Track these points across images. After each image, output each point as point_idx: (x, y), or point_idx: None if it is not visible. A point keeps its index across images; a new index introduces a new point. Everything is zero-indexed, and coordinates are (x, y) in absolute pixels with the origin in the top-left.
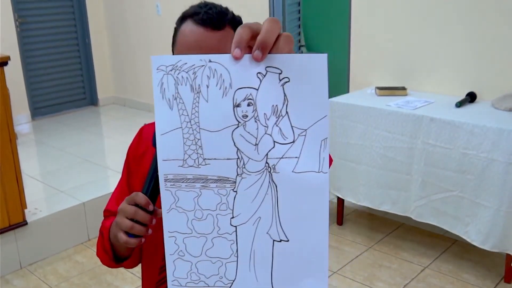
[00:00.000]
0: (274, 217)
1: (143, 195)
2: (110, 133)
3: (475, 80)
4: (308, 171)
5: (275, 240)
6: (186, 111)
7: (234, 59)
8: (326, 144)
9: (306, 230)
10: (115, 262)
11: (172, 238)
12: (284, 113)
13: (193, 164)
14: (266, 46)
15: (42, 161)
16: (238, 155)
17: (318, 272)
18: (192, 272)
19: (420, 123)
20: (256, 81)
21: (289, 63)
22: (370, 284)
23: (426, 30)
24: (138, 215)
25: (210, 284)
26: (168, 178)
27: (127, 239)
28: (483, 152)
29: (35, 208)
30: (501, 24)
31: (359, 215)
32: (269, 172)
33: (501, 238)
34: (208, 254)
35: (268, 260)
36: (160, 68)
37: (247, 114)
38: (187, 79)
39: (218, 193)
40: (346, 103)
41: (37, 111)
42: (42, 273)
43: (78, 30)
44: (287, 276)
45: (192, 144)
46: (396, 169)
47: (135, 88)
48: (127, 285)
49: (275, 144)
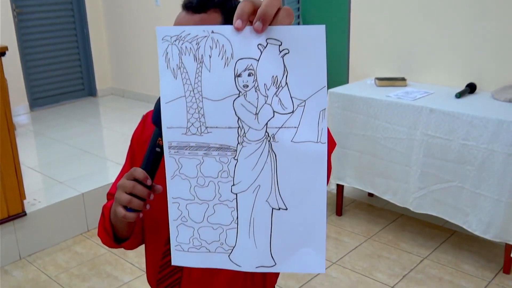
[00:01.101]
0: (273, 185)
1: (142, 170)
2: (109, 124)
3: (475, 71)
4: (307, 141)
5: (274, 208)
6: (189, 80)
7: (236, 30)
8: (324, 114)
9: (304, 199)
10: (116, 242)
11: (176, 204)
12: (283, 83)
13: (196, 132)
14: (266, 18)
15: (40, 152)
16: (239, 124)
17: (316, 242)
18: (194, 238)
19: (419, 114)
20: (257, 52)
21: (288, 34)
22: (369, 274)
23: (426, 21)
24: (136, 189)
25: (211, 250)
26: (172, 145)
27: (125, 213)
28: (483, 143)
29: (34, 199)
30: (501, 15)
31: (358, 206)
32: (268, 141)
33: (502, 228)
34: (210, 220)
35: (267, 227)
36: (165, 38)
37: (247, 84)
38: (190, 49)
39: (219, 161)
40: (346, 94)
41: (36, 102)
42: (41, 263)
43: (76, 20)
44: (285, 244)
45: (195, 112)
46: (396, 160)
47: (134, 79)
48: (126, 275)
49: (275, 114)
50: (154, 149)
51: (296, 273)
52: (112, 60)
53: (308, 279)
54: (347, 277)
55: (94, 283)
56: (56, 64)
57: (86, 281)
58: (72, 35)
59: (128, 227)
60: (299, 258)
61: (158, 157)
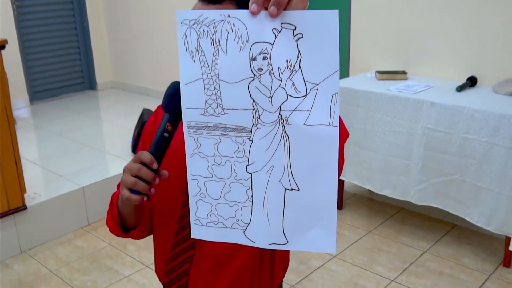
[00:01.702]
0: (286, 166)
1: (148, 153)
2: (109, 118)
3: (476, 64)
4: (319, 124)
5: (286, 188)
6: (207, 63)
7: (251, 14)
8: (337, 98)
9: (316, 181)
10: (123, 231)
11: (195, 180)
12: (297, 67)
13: (213, 113)
14: (281, 3)
15: (41, 145)
16: (254, 106)
17: (327, 222)
18: (212, 214)
19: (420, 107)
20: (272, 36)
21: (302, 19)
22: (370, 268)
23: (427, 14)
24: (141, 172)
25: (228, 226)
26: (191, 125)
27: (129, 195)
28: (484, 136)
29: (34, 193)
30: (502, 8)
31: (359, 200)
32: (282, 123)
33: (504, 221)
34: (226, 197)
35: (280, 207)
36: (184, 22)
37: (262, 67)
38: (208, 33)
39: (235, 141)
40: (346, 87)
41: (36, 96)
42: (42, 257)
43: (76, 13)
44: (297, 223)
45: (212, 94)
46: (396, 153)
47: (134, 72)
48: (127, 269)
49: (288, 97)
50: (162, 134)
51: (296, 267)
52: (112, 53)
53: (308, 273)
54: (347, 271)
55: (95, 277)
56: (56, 58)
57: (87, 275)
58: (72, 28)
59: (135, 214)
60: (310, 237)
61: (166, 142)
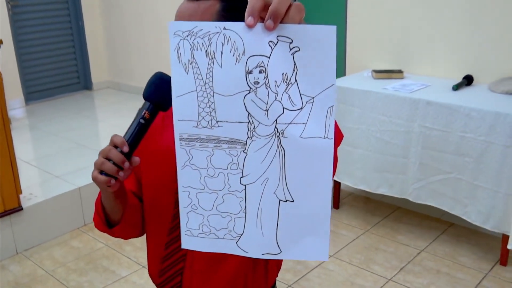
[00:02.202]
0: (281, 178)
1: (120, 136)
2: (105, 118)
3: (472, 63)
4: (315, 137)
5: (281, 200)
6: (201, 75)
7: (248, 27)
8: (332, 111)
9: (310, 192)
10: (107, 226)
11: (186, 192)
12: (293, 80)
13: (207, 125)
14: (277, 16)
15: (36, 146)
16: (249, 119)
17: (320, 231)
18: (203, 225)
19: (416, 106)
20: (268, 49)
21: (299, 33)
22: (367, 267)
23: (423, 12)
24: (110, 153)
25: (220, 236)
26: (183, 137)
27: (96, 175)
28: (481, 135)
29: (30, 194)
30: (498, 7)
31: (356, 199)
32: (277, 136)
33: (501, 219)
34: (219, 209)
35: (274, 218)
36: (177, 33)
37: (258, 80)
38: (202, 45)
39: (229, 154)
40: (342, 87)
41: (31, 96)
42: (38, 258)
43: (71, 13)
44: (291, 233)
45: (206, 106)
46: (393, 152)
47: (130, 72)
48: (123, 269)
49: (284, 110)
50: (139, 120)
51: (293, 267)
52: (108, 53)
53: (305, 272)
54: (344, 270)
55: (91, 278)
56: (51, 58)
57: (83, 276)
58: (67, 27)
59: (117, 207)
60: (303, 246)
61: (141, 129)
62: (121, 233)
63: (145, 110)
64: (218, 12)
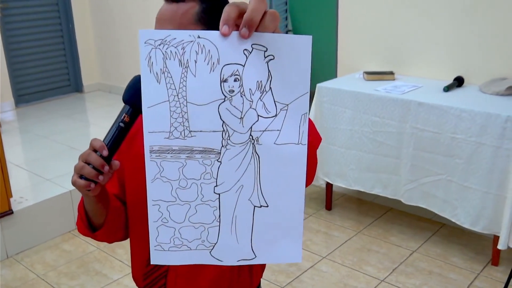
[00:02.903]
0: (256, 185)
1: (100, 140)
2: (96, 120)
3: (462, 64)
4: (289, 143)
5: (256, 206)
6: (173, 85)
7: (222, 36)
8: (305, 118)
9: (284, 197)
10: (90, 230)
11: (156, 206)
12: (268, 88)
13: (179, 136)
14: (252, 24)
15: (27, 149)
16: (224, 128)
17: (294, 234)
18: (175, 238)
19: (408, 107)
20: (243, 58)
21: (274, 41)
22: (359, 268)
23: (414, 14)
24: (90, 157)
25: (193, 248)
26: (154, 149)
27: (76, 179)
28: (472, 136)
29: (20, 197)
30: (489, 9)
31: (348, 200)
32: (252, 144)
33: (491, 220)
34: (191, 220)
35: (249, 224)
36: (148, 42)
37: (233, 89)
38: (175, 54)
39: (202, 163)
40: (334, 88)
41: (21, 99)
42: (29, 262)
43: (62, 15)
44: (265, 238)
45: (179, 117)
46: (385, 153)
47: (121, 75)
48: (115, 273)
49: (259, 118)
50: (119, 124)
51: (286, 268)
52: (98, 55)
53: (298, 274)
54: (337, 271)
55: (83, 281)
56: (41, 60)
57: (75, 279)
58: (57, 30)
59: (99, 211)
60: (277, 250)
61: (121, 132)
62: (105, 236)
63: (125, 114)
64: (198, 14)
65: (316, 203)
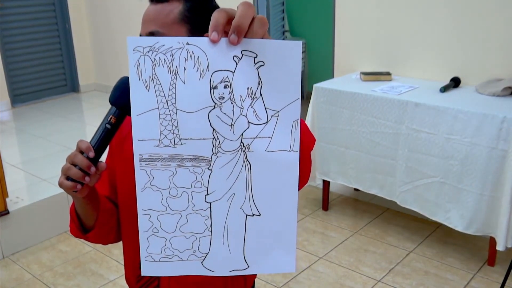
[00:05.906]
0: (248, 193)
1: (86, 141)
2: (92, 120)
3: (459, 65)
4: (280, 150)
5: (247, 214)
6: (163, 92)
7: (211, 42)
8: (297, 125)
9: (276, 204)
10: (82, 232)
11: (146, 216)
12: (258, 95)
13: (169, 144)
14: (241, 30)
15: (23, 149)
16: (214, 135)
17: (287, 244)
18: (166, 248)
19: (405, 108)
20: (232, 64)
21: (264, 48)
22: (356, 269)
23: (411, 15)
24: (76, 159)
25: (184, 258)
26: (143, 157)
27: (62, 180)
28: (467, 137)
29: (16, 197)
30: (485, 10)
31: (345, 201)
32: (243, 151)
33: (485, 222)
34: (183, 229)
35: (241, 233)
36: (137, 49)
37: (223, 96)
38: (164, 61)
39: (193, 172)
40: (331, 89)
41: (17, 98)
42: (25, 262)
43: (58, 15)
44: (258, 248)
45: (169, 124)
46: (382, 154)
47: (117, 75)
48: (112, 273)
49: (250, 125)
50: (105, 125)
51: None
52: (95, 55)
53: (294, 274)
54: (334, 272)
55: (79, 281)
56: (38, 60)
57: (71, 280)
58: (54, 30)
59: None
60: (270, 260)
61: (107, 134)
62: (97, 238)
63: (111, 115)
64: (181, 13)
65: (313, 204)
